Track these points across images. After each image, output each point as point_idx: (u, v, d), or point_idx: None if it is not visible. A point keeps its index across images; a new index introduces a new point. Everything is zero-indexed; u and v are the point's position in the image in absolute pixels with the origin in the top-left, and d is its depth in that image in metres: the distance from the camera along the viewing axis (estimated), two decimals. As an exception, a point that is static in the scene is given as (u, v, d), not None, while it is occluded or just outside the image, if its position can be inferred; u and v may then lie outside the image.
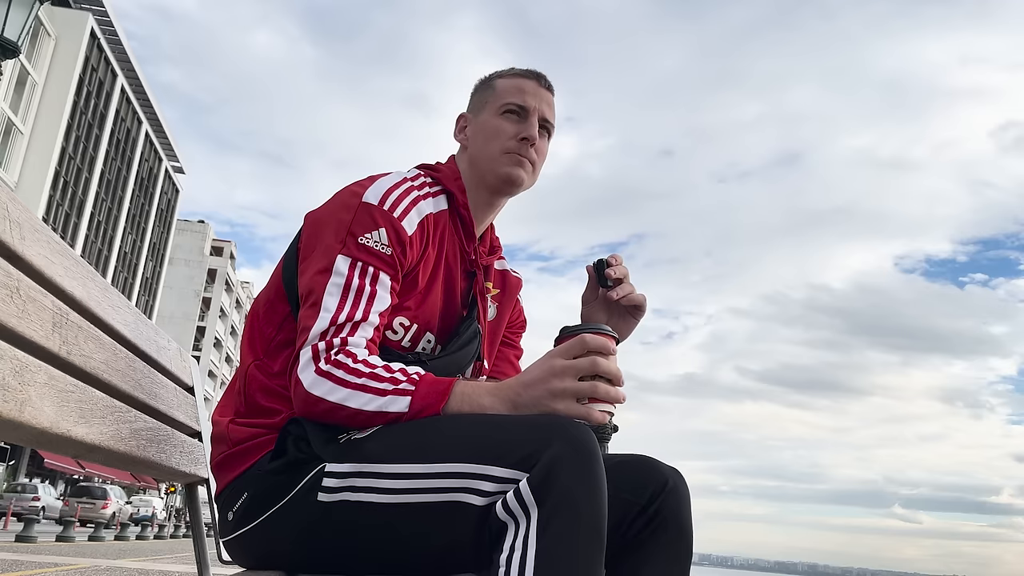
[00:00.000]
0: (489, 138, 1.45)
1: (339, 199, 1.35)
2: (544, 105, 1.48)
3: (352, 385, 1.19)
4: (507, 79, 1.49)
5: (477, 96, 1.52)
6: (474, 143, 1.48)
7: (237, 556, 1.35)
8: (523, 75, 1.49)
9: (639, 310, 1.43)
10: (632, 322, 1.45)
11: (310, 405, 1.21)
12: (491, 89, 1.49)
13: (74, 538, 13.83)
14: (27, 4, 6.24)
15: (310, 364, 1.21)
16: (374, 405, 1.18)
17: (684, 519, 1.30)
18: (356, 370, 1.20)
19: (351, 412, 1.19)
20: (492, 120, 1.46)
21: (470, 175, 1.48)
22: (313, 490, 1.18)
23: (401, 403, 1.18)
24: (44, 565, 7.90)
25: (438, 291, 1.41)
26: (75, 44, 39.89)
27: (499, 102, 1.47)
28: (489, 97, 1.49)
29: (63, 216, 40.67)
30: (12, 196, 0.94)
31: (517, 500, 1.05)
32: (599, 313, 1.44)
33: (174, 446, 1.53)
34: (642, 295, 1.42)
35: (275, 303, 1.39)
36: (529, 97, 1.46)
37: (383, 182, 1.35)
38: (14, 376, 0.85)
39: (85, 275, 1.17)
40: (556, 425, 1.09)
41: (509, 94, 1.47)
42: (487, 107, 1.48)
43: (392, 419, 1.18)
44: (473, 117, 1.51)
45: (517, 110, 1.45)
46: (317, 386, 1.20)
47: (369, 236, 1.29)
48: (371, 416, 1.18)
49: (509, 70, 1.51)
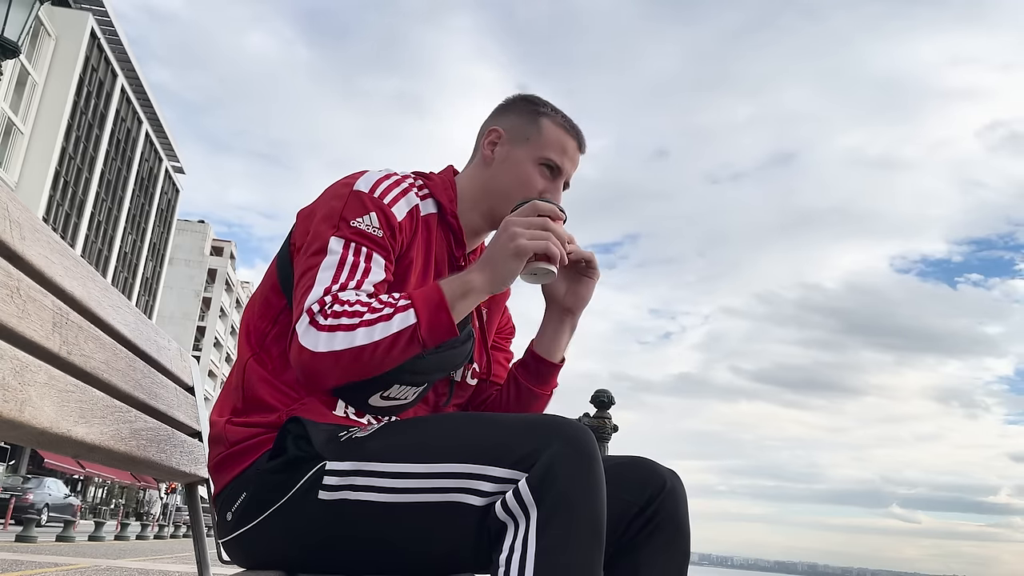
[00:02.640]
0: (517, 183, 1.44)
1: (330, 191, 1.37)
2: (574, 169, 1.49)
3: (354, 326, 1.20)
4: (555, 127, 1.47)
5: (520, 122, 1.48)
6: (499, 173, 1.47)
7: (237, 556, 1.35)
8: (570, 131, 1.47)
9: (590, 267, 1.45)
10: (588, 282, 1.47)
11: (317, 364, 1.19)
12: (536, 127, 1.46)
13: (74, 538, 13.83)
14: (27, 4, 6.24)
15: (308, 328, 1.21)
16: (383, 331, 1.20)
17: (682, 520, 1.30)
18: (353, 311, 1.21)
19: (366, 349, 1.19)
20: (527, 165, 1.45)
21: (479, 195, 1.47)
22: (313, 488, 1.18)
23: (408, 316, 1.21)
24: (44, 565, 7.90)
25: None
26: (75, 44, 39.89)
27: (541, 152, 1.45)
28: (532, 134, 1.46)
29: (63, 216, 40.66)
30: (12, 196, 0.94)
31: (516, 500, 1.05)
32: (557, 283, 1.46)
33: (174, 446, 1.53)
34: (590, 251, 1.44)
35: (270, 298, 1.39)
36: (568, 161, 1.47)
37: (373, 174, 1.38)
38: (14, 376, 0.85)
39: (85, 275, 1.17)
40: (555, 425, 1.10)
41: (552, 148, 1.45)
42: (527, 146, 1.46)
43: (405, 337, 1.20)
44: (509, 143, 1.47)
45: (554, 167, 1.46)
46: (322, 343, 1.19)
47: (360, 220, 1.31)
48: (387, 344, 1.19)
49: (558, 113, 1.48)
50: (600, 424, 3.97)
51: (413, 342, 1.21)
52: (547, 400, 1.54)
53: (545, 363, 1.50)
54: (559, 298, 1.48)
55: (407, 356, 1.22)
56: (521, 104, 1.50)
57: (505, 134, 1.48)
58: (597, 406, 4.06)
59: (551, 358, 1.50)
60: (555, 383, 1.54)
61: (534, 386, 1.51)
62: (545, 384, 1.52)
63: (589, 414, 4.04)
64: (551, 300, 1.49)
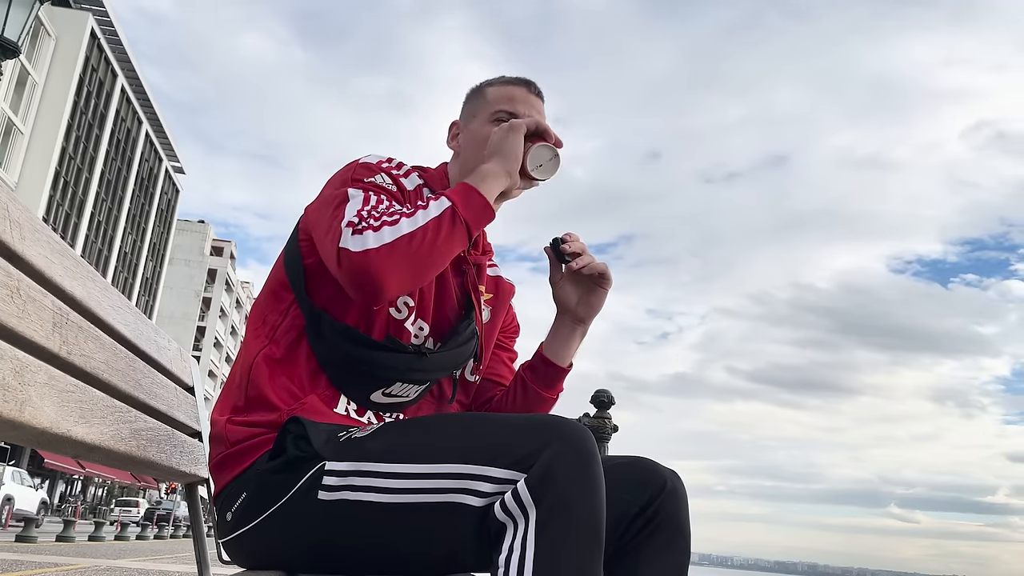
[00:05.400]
0: (479, 146, 1.45)
1: (336, 173, 1.40)
2: (534, 112, 1.49)
3: (395, 220, 1.23)
4: (497, 87, 1.51)
5: (469, 105, 1.54)
6: (465, 151, 1.50)
7: (237, 556, 1.35)
8: (513, 83, 1.51)
9: (604, 278, 1.47)
10: (601, 292, 1.49)
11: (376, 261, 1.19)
12: (482, 97, 1.52)
13: (74, 538, 13.83)
14: (27, 4, 6.24)
15: (351, 236, 1.21)
16: (424, 217, 1.24)
17: (682, 520, 1.30)
18: (391, 213, 1.25)
19: (415, 235, 1.22)
20: (482, 128, 1.47)
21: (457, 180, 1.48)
22: (313, 488, 1.18)
23: (442, 202, 1.26)
24: (44, 565, 7.90)
25: (431, 283, 1.42)
26: (75, 44, 39.89)
27: (490, 110, 1.49)
28: (480, 105, 1.51)
29: (63, 216, 40.67)
30: (12, 196, 0.94)
31: (515, 501, 1.05)
32: (568, 291, 1.49)
33: (174, 446, 1.53)
34: (603, 263, 1.46)
35: (278, 292, 1.40)
36: (519, 105, 1.48)
37: (377, 155, 1.43)
38: (14, 376, 0.85)
39: (85, 275, 1.17)
40: (554, 425, 1.10)
41: (499, 102, 1.49)
42: (478, 116, 1.50)
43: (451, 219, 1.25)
44: (465, 125, 1.53)
45: (507, 118, 1.47)
46: (371, 240, 1.20)
47: (373, 179, 1.35)
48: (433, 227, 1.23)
49: (499, 78, 1.53)
50: (600, 424, 3.97)
51: (456, 223, 1.25)
52: (552, 404, 1.55)
53: (554, 367, 1.52)
54: (571, 307, 1.50)
55: (455, 239, 1.25)
56: (469, 93, 1.57)
57: (462, 121, 1.55)
58: (597, 406, 4.06)
59: (560, 363, 1.52)
60: (561, 387, 1.55)
61: (541, 389, 1.52)
62: (552, 388, 1.53)
63: (589, 414, 4.04)
64: (563, 308, 1.51)
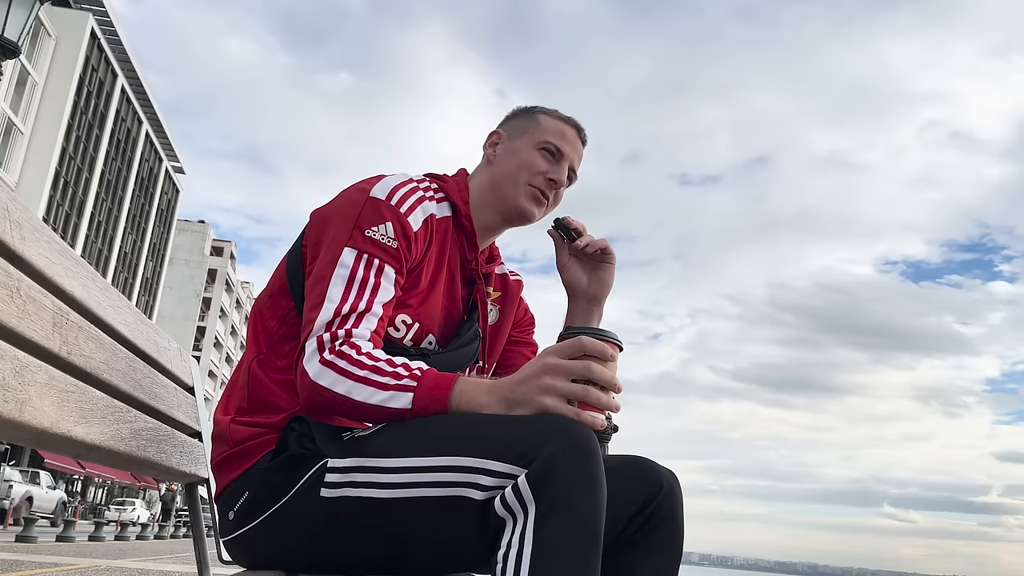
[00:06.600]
0: (520, 166, 1.48)
1: (346, 195, 1.38)
2: (576, 157, 1.53)
3: (356, 377, 1.20)
4: (552, 119, 1.53)
5: (517, 121, 1.55)
6: (502, 164, 1.51)
7: (237, 556, 1.36)
8: (567, 122, 1.53)
9: (607, 253, 1.48)
10: (609, 268, 1.49)
11: (315, 395, 1.22)
12: (534, 121, 1.53)
13: (74, 538, 13.83)
14: (27, 4, 6.24)
15: (315, 355, 1.23)
16: (377, 399, 1.19)
17: (678, 520, 1.32)
18: (360, 362, 1.21)
19: (355, 404, 1.20)
20: (528, 151, 1.49)
21: (486, 192, 1.50)
22: (315, 486, 1.19)
23: (404, 399, 1.19)
24: (44, 565, 7.90)
25: (440, 293, 1.43)
26: (75, 44, 39.87)
27: (539, 137, 1.50)
28: (530, 126, 1.52)
29: (63, 216, 40.66)
30: (12, 196, 0.95)
31: (515, 496, 1.06)
32: (577, 272, 1.49)
33: (174, 446, 1.53)
34: (603, 239, 1.47)
35: (278, 298, 1.41)
36: (568, 145, 1.51)
37: (390, 180, 1.39)
38: (14, 376, 0.85)
39: (85, 275, 1.18)
40: (556, 423, 1.10)
41: (551, 133, 1.50)
42: (526, 136, 1.51)
43: (396, 415, 1.19)
44: (508, 138, 1.53)
45: (554, 151, 1.49)
46: (322, 376, 1.21)
47: (375, 229, 1.32)
48: (374, 409, 1.19)
49: (554, 110, 1.55)
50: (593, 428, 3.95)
51: (398, 416, 1.20)
52: None
53: None
54: (583, 287, 1.50)
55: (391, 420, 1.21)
56: (520, 110, 1.58)
57: (505, 133, 1.54)
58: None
59: None
60: None
61: None
62: None
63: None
64: (575, 290, 1.51)
